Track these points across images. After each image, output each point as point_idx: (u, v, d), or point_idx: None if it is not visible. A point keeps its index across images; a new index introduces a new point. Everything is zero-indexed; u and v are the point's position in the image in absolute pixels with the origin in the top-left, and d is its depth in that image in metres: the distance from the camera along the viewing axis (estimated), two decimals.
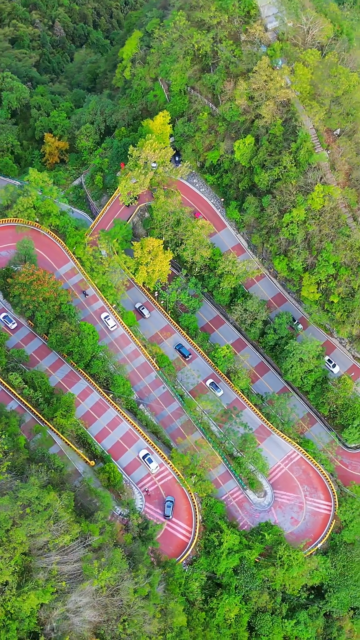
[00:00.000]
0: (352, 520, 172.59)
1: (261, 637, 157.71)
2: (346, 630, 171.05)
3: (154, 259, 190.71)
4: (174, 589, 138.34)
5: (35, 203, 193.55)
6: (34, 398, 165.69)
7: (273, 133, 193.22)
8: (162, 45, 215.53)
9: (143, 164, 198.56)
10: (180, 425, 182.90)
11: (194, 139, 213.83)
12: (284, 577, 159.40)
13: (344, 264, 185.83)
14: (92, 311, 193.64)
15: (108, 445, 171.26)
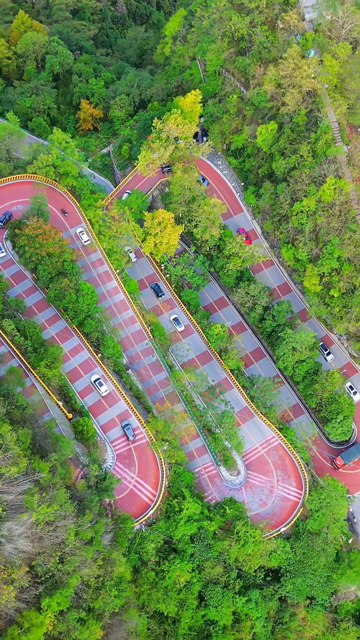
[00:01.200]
0: (318, 511, 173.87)
1: (209, 607, 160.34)
2: (300, 617, 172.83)
3: (163, 231, 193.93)
4: (122, 542, 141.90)
5: (55, 162, 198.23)
6: (24, 346, 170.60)
7: (296, 122, 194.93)
8: (202, 25, 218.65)
9: (165, 137, 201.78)
10: (164, 395, 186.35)
11: (222, 121, 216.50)
12: (238, 552, 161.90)
13: (347, 260, 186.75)
14: (97, 274, 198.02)
15: (89, 402, 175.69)
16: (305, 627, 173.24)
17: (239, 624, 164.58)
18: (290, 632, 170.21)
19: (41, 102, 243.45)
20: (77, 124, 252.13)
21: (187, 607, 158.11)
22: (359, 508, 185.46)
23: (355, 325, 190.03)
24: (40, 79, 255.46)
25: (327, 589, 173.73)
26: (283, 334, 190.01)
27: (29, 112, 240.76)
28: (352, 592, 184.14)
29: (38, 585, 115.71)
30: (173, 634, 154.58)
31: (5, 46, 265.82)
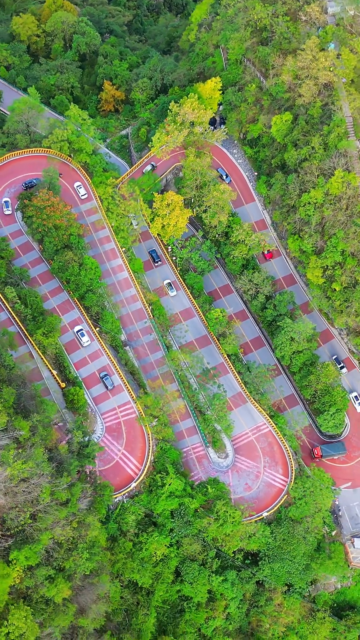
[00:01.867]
0: (302, 499, 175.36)
1: (185, 583, 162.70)
2: (276, 603, 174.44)
3: (171, 213, 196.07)
4: (99, 509, 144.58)
5: (70, 137, 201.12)
6: (23, 314, 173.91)
7: (311, 114, 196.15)
8: (227, 13, 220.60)
9: (181, 121, 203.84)
10: (159, 374, 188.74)
11: (240, 109, 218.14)
12: (216, 531, 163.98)
13: (351, 254, 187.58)
14: (103, 251, 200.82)
15: (84, 374, 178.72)
16: (281, 613, 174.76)
17: (214, 602, 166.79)
18: (264, 616, 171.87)
19: (65, 80, 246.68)
20: (99, 104, 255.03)
21: (162, 580, 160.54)
22: (344, 501, 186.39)
23: (355, 320, 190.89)
24: (66, 57, 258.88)
25: (305, 577, 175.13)
26: (282, 322, 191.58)
27: (53, 89, 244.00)
28: (331, 583, 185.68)
29: (8, 538, 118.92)
30: (146, 604, 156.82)
31: (35, 24, 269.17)
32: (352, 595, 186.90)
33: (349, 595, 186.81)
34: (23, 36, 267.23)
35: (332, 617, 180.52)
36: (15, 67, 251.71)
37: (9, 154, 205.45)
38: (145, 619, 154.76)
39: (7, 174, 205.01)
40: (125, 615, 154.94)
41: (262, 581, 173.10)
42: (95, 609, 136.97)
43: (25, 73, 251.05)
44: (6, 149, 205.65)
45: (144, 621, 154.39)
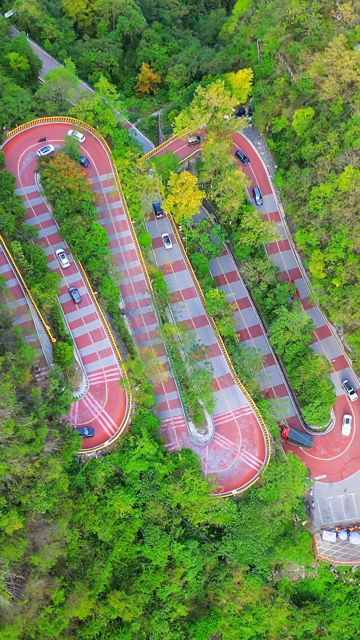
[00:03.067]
0: (272, 482, 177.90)
1: (146, 545, 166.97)
2: (236, 580, 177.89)
3: (184, 192, 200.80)
4: (65, 455, 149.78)
5: (95, 108, 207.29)
6: (26, 268, 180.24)
7: (332, 111, 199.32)
8: (266, 7, 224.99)
9: (205, 105, 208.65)
10: (151, 345, 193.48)
11: (267, 102, 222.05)
12: (181, 498, 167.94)
13: (354, 251, 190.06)
14: (114, 222, 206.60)
15: (77, 334, 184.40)
16: (240, 591, 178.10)
17: (172, 569, 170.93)
18: (222, 590, 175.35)
19: (105, 58, 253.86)
20: (135, 85, 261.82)
21: (123, 538, 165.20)
22: (319, 494, 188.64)
23: (351, 317, 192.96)
24: (109, 37, 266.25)
25: (267, 560, 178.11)
26: (278, 311, 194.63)
27: (92, 65, 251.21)
28: (296, 572, 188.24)
29: None
30: (103, 558, 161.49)
31: (85, 2, 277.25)
32: (315, 588, 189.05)
33: (312, 587, 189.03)
34: (71, 13, 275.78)
35: (292, 605, 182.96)
36: (60, 41, 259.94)
37: (37, 119, 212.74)
38: (100, 571, 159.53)
39: (33, 137, 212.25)
40: (81, 565, 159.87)
41: (225, 557, 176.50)
42: (49, 550, 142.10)
43: (69, 48, 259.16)
44: (34, 114, 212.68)
45: (98, 573, 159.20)
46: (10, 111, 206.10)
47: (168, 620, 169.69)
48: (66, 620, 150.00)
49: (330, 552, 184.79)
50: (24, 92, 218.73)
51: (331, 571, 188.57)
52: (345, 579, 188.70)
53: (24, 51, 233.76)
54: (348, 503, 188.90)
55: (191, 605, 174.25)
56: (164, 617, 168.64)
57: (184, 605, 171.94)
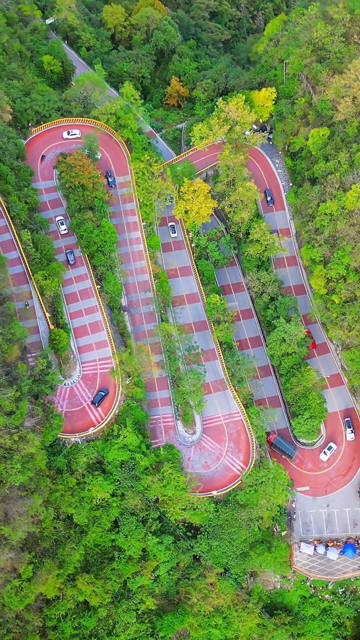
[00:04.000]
0: (252, 487, 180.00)
1: (121, 534, 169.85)
2: (209, 581, 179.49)
3: (195, 199, 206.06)
4: (46, 433, 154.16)
5: (117, 112, 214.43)
6: (33, 256, 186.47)
7: (347, 132, 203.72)
8: (294, 30, 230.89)
9: (224, 117, 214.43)
10: (149, 343, 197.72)
11: (287, 121, 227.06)
12: (158, 491, 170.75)
13: (355, 269, 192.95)
14: (125, 222, 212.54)
15: (76, 324, 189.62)
16: (212, 593, 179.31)
17: (145, 561, 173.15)
18: (194, 589, 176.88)
19: (137, 69, 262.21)
20: (164, 97, 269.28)
21: (99, 524, 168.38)
22: (301, 506, 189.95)
23: (348, 334, 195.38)
24: (143, 49, 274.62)
25: (242, 564, 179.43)
26: (276, 321, 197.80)
27: (124, 75, 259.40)
28: (271, 582, 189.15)
29: None
30: (76, 540, 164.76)
31: (123, 15, 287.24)
32: (290, 600, 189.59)
33: (287, 599, 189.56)
34: (110, 24, 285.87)
35: (264, 613, 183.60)
36: (95, 50, 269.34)
37: (62, 119, 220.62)
38: (72, 552, 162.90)
39: (56, 136, 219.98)
40: (54, 545, 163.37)
41: (199, 557, 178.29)
42: (21, 523, 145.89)
43: (103, 57, 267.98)
44: (60, 113, 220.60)
45: (69, 554, 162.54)
46: (37, 108, 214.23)
47: (136, 611, 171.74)
48: (32, 596, 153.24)
49: (306, 564, 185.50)
50: (52, 92, 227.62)
51: (307, 585, 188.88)
52: (321, 595, 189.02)
53: (58, 55, 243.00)
54: (330, 518, 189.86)
55: (161, 600, 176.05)
56: (132, 607, 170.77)
57: (154, 599, 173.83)
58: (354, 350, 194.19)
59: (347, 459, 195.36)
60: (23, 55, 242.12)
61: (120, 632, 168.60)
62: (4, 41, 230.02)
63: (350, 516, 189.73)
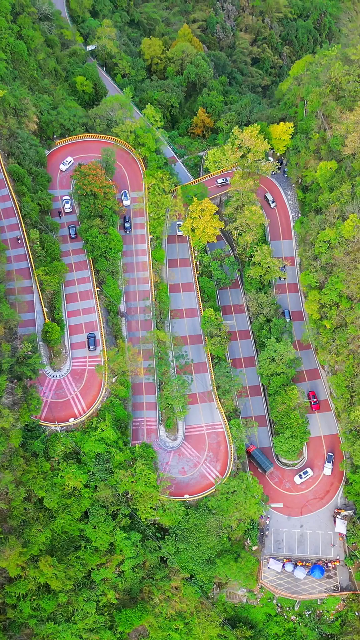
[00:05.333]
0: (223, 494, 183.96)
1: (89, 525, 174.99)
2: (173, 585, 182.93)
3: (202, 217, 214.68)
4: (22, 414, 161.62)
5: (137, 131, 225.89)
6: (38, 254, 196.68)
7: (353, 166, 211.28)
8: (316, 70, 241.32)
9: (238, 144, 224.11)
10: (141, 349, 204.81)
11: (301, 155, 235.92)
12: (129, 485, 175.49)
13: (348, 297, 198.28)
14: (134, 234, 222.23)
15: (72, 322, 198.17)
16: (176, 596, 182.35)
17: (111, 555, 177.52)
18: (157, 589, 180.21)
19: (167, 98, 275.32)
20: (190, 126, 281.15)
21: (69, 512, 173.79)
22: (275, 524, 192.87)
23: (336, 359, 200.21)
24: (175, 80, 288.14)
25: (207, 571, 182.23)
26: (267, 340, 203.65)
27: (155, 103, 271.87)
28: (238, 595, 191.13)
29: None
30: (44, 523, 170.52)
31: (160, 49, 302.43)
32: (255, 616, 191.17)
33: (252, 614, 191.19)
34: (147, 56, 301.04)
35: (226, 624, 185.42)
36: (130, 78, 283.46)
37: (85, 134, 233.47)
38: (38, 534, 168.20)
39: (79, 149, 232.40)
40: (22, 524, 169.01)
41: (167, 559, 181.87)
42: None
43: (137, 84, 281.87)
44: (84, 129, 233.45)
45: (35, 535, 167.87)
46: (62, 121, 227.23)
47: (97, 602, 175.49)
48: None
49: (273, 581, 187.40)
50: (79, 108, 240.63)
51: (274, 603, 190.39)
52: (287, 615, 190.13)
53: (92, 77, 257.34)
54: (302, 539, 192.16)
55: (123, 595, 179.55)
56: (93, 598, 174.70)
57: (116, 593, 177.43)
58: (340, 375, 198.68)
59: (325, 484, 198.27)
60: (58, 74, 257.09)
61: (78, 620, 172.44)
62: (39, 58, 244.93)
63: (323, 539, 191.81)
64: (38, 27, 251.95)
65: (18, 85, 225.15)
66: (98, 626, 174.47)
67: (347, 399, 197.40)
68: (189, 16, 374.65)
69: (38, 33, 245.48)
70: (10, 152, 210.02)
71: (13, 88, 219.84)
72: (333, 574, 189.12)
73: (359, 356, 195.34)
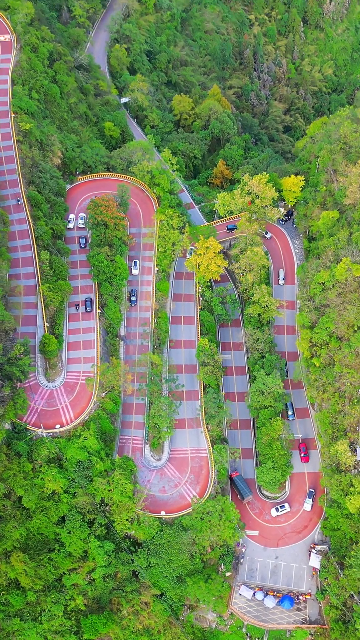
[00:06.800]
0: (197, 514, 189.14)
1: (64, 529, 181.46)
2: (143, 600, 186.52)
3: (206, 254, 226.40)
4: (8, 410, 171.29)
5: (153, 171, 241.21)
6: (46, 274, 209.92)
7: (354, 217, 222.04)
8: (329, 129, 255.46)
9: (247, 190, 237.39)
10: (136, 371, 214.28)
11: (309, 206, 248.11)
12: (105, 493, 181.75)
13: (337, 337, 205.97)
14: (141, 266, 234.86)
15: (71, 340, 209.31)
16: (144, 611, 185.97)
17: (84, 562, 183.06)
18: (126, 602, 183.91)
19: (190, 149, 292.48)
20: (210, 177, 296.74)
21: (46, 515, 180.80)
22: (251, 553, 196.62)
23: (322, 396, 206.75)
24: (200, 134, 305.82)
25: (177, 588, 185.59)
26: (257, 373, 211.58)
27: (178, 153, 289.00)
28: (208, 620, 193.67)
29: None
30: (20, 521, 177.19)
31: (190, 105, 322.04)
32: None
33: None
34: (176, 111, 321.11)
35: None
36: (158, 129, 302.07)
37: (106, 173, 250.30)
38: (13, 530, 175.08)
39: (98, 186, 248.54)
40: None
41: (138, 573, 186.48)
42: None
43: (163, 135, 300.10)
44: (105, 167, 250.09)
45: (10, 531, 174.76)
46: (85, 158, 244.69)
47: (65, 606, 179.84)
48: None
49: (243, 607, 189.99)
50: (102, 148, 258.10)
51: (243, 632, 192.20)
52: None
53: (120, 124, 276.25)
54: (275, 570, 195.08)
55: (92, 603, 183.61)
56: (61, 601, 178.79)
57: (83, 598, 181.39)
58: (325, 412, 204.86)
59: (304, 519, 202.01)
60: (88, 118, 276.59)
61: (45, 621, 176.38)
62: (71, 102, 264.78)
63: (296, 572, 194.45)
64: (73, 75, 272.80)
65: (47, 123, 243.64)
66: (64, 629, 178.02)
67: (329, 434, 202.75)
68: (226, 82, 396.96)
69: (72, 79, 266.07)
70: (32, 181, 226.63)
71: (41, 124, 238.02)
72: (303, 606, 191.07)
73: (344, 394, 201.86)
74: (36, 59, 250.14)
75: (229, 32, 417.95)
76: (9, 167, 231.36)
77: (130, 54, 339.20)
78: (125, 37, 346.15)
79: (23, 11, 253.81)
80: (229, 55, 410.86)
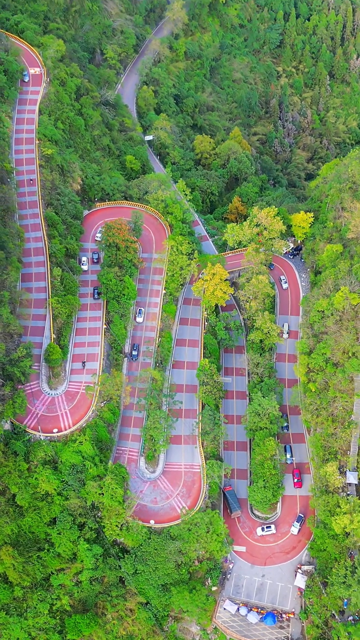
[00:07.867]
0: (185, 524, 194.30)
1: (54, 531, 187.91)
2: (128, 606, 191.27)
3: (212, 280, 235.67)
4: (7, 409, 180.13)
5: (167, 200, 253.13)
6: (57, 289, 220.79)
7: (356, 250, 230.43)
8: (340, 169, 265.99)
9: (255, 223, 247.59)
10: (137, 386, 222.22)
11: (316, 241, 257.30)
12: (95, 497, 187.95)
13: (334, 363, 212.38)
14: (150, 288, 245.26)
15: (76, 352, 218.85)
16: (129, 617, 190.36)
17: (72, 563, 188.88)
18: (111, 606, 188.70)
19: (208, 186, 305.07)
20: (225, 212, 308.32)
21: (38, 514, 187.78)
22: (238, 569, 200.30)
23: (315, 420, 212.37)
24: (218, 172, 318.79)
25: (161, 596, 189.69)
26: (254, 395, 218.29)
27: (196, 188, 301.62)
28: (192, 632, 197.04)
29: None
30: (12, 517, 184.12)
31: (211, 145, 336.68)
32: None
33: None
34: (197, 150, 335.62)
35: None
36: (178, 166, 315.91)
37: (123, 201, 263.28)
38: (5, 525, 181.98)
39: (114, 213, 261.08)
40: None
41: (125, 580, 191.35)
42: None
43: (182, 172, 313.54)
44: (123, 196, 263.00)
45: (2, 526, 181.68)
46: (103, 186, 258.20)
47: (51, 605, 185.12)
48: None
49: (226, 621, 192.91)
50: (121, 177, 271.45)
51: None
52: None
53: (141, 158, 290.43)
54: (262, 587, 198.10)
55: (77, 604, 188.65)
56: (47, 599, 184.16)
57: (71, 600, 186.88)
58: (318, 435, 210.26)
59: (293, 540, 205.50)
60: (111, 151, 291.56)
61: (30, 618, 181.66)
62: (94, 134, 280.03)
63: (282, 591, 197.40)
64: (98, 110, 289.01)
65: (70, 151, 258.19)
66: (48, 627, 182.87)
67: (321, 457, 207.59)
68: (250, 129, 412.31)
69: (97, 113, 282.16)
70: (50, 202, 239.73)
71: (63, 151, 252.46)
72: (286, 625, 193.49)
73: (337, 418, 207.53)
74: (63, 92, 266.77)
75: (257, 82, 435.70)
76: (30, 189, 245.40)
77: (157, 95, 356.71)
78: (154, 80, 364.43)
79: (54, 47, 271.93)
80: (255, 103, 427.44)
